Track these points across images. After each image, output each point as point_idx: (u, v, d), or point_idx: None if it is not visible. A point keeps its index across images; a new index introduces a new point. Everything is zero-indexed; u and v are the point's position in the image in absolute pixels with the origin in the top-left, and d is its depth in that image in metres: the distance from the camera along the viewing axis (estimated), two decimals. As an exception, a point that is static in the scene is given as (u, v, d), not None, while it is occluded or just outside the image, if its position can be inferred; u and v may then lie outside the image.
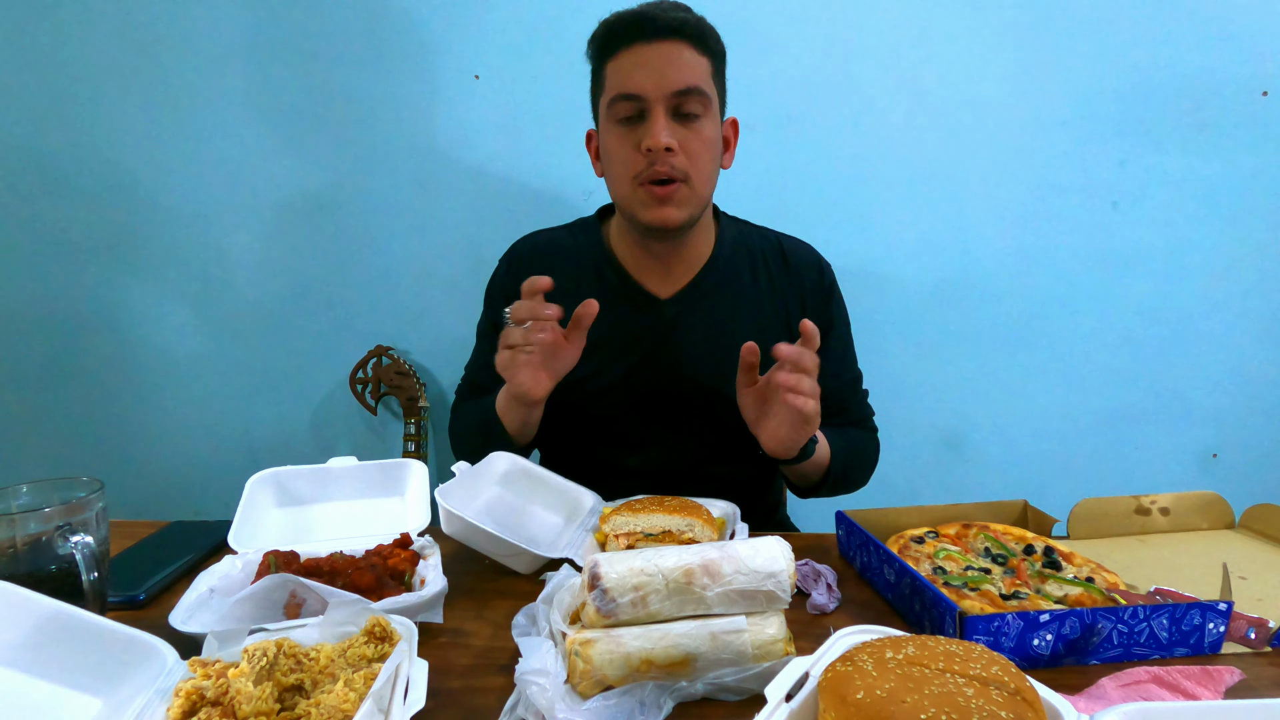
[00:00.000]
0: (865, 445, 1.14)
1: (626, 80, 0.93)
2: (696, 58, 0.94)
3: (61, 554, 0.65)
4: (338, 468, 0.93)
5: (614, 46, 0.95)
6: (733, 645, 0.59)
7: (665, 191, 0.94)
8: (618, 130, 0.96)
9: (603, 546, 0.84)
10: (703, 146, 0.95)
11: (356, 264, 1.69)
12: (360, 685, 0.53)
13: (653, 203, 0.95)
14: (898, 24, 1.56)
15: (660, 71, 0.92)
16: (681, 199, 0.96)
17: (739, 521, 0.89)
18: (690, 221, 0.99)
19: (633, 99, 0.93)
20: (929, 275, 1.66)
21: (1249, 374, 1.68)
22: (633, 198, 0.97)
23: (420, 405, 1.67)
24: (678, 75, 0.92)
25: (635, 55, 0.93)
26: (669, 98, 0.92)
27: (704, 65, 0.95)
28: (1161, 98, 1.57)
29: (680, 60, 0.92)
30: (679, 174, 0.94)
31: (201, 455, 1.77)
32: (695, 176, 0.95)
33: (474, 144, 1.63)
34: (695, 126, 0.94)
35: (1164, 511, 0.92)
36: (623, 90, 0.93)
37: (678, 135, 0.93)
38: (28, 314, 1.71)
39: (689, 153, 0.94)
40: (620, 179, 0.97)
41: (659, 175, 0.93)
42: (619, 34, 0.94)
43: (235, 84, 1.61)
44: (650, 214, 0.96)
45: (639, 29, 0.93)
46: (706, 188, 0.98)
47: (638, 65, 0.93)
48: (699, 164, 0.95)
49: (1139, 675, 0.60)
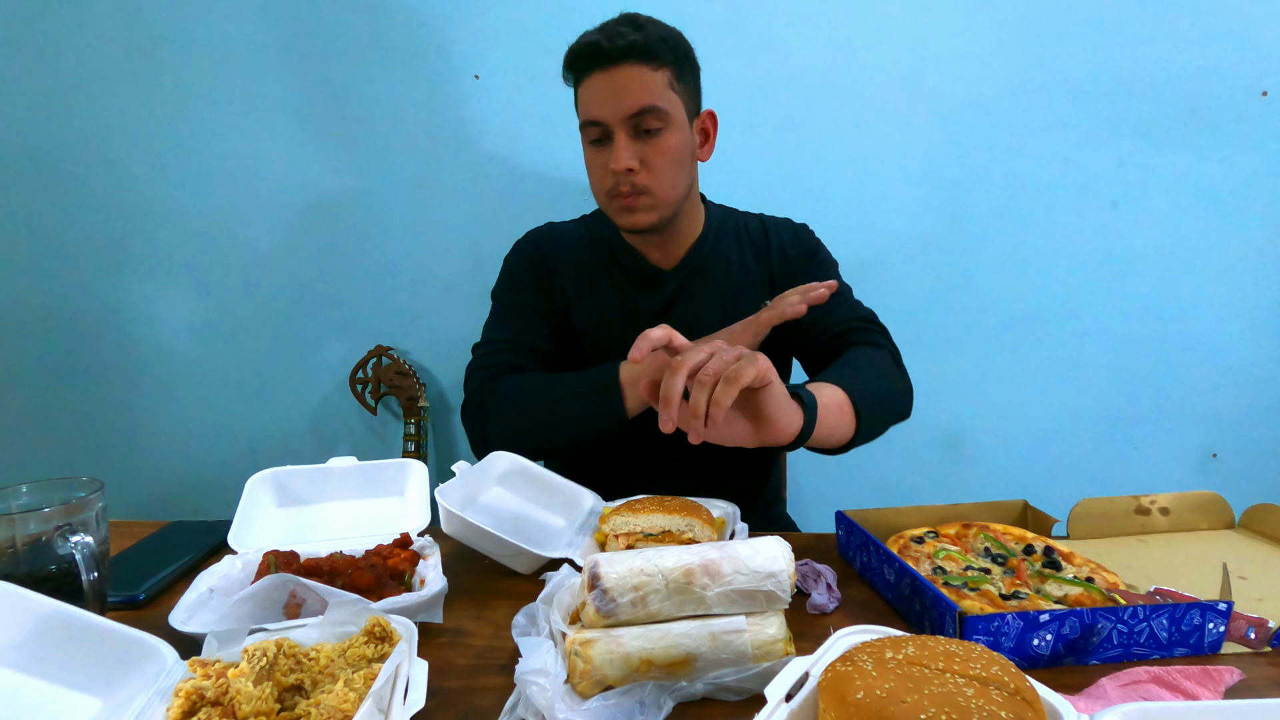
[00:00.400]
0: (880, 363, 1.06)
1: (589, 108, 1.01)
2: (650, 75, 0.99)
3: (61, 554, 0.65)
4: (338, 468, 0.93)
5: (579, 74, 1.03)
6: (733, 645, 0.59)
7: (631, 202, 1.03)
8: (590, 150, 1.06)
9: (603, 546, 0.84)
10: (662, 159, 1.02)
11: (356, 264, 1.69)
12: (360, 685, 0.53)
13: (623, 211, 1.05)
14: (898, 24, 1.56)
15: (616, 97, 0.99)
16: (647, 205, 1.04)
17: (739, 521, 0.89)
18: (661, 221, 1.07)
19: (596, 125, 1.01)
20: (929, 275, 1.66)
21: (1249, 374, 1.68)
22: (608, 208, 1.08)
23: (420, 405, 1.67)
24: (630, 99, 0.98)
25: (594, 83, 1.00)
26: (626, 120, 0.99)
27: (659, 79, 0.99)
28: (1161, 98, 1.57)
29: (633, 83, 0.98)
30: (640, 188, 1.02)
31: (201, 455, 1.77)
32: (657, 186, 1.03)
33: (474, 144, 1.63)
34: (655, 141, 1.01)
35: (1164, 511, 0.92)
36: (588, 117, 1.02)
37: (639, 152, 1.01)
38: (28, 314, 1.71)
39: (649, 166, 1.02)
40: (597, 192, 1.08)
41: (623, 191, 1.03)
42: (579, 63, 1.02)
43: (235, 84, 1.62)
44: (623, 220, 1.07)
45: (592, 58, 0.99)
46: (671, 192, 1.05)
47: (597, 93, 1.00)
48: (660, 175, 1.03)
49: (1139, 675, 0.60)
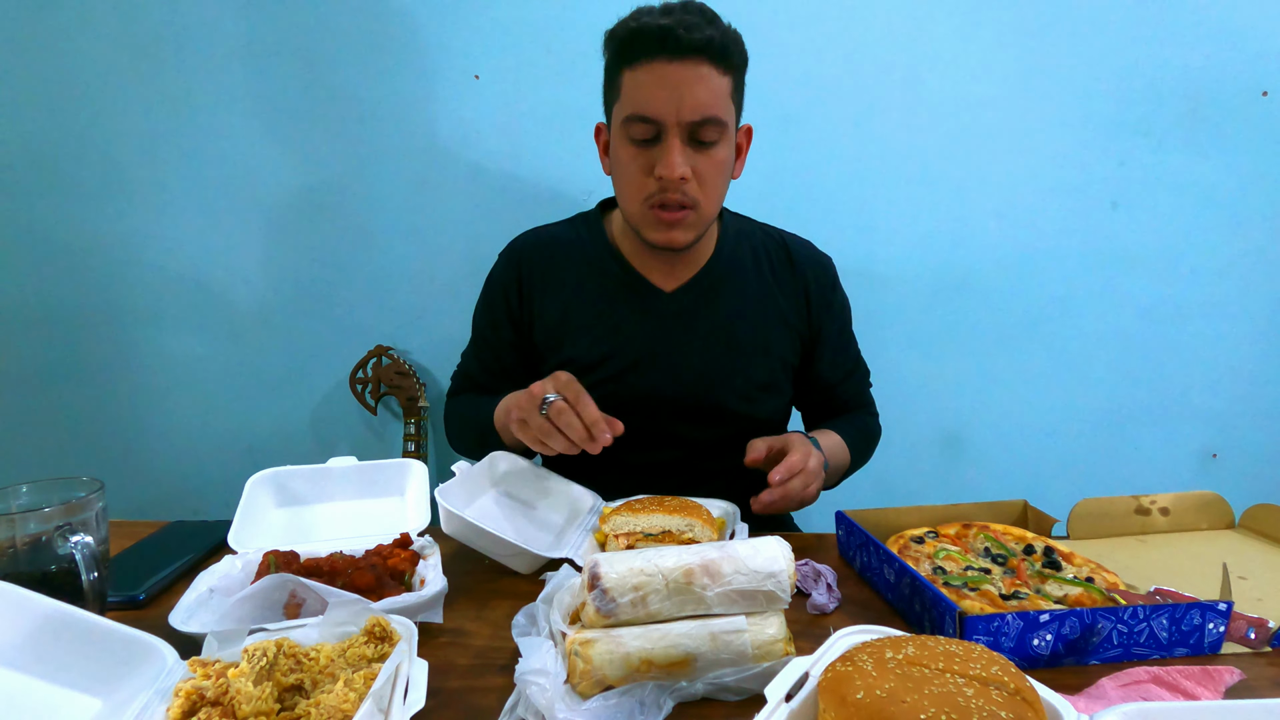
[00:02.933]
0: (868, 432, 1.18)
1: (644, 101, 0.89)
2: (719, 78, 0.89)
3: (61, 554, 0.65)
4: (338, 468, 0.93)
5: (634, 56, 0.89)
6: (733, 645, 0.59)
7: (675, 217, 0.93)
8: (631, 149, 0.93)
9: (603, 546, 0.84)
10: (716, 172, 0.94)
11: (356, 264, 1.69)
12: (360, 685, 0.53)
13: (661, 226, 0.95)
14: (898, 24, 1.56)
15: (680, 97, 0.87)
16: (690, 224, 0.95)
17: (739, 521, 0.89)
18: (695, 241, 0.99)
19: (649, 122, 0.89)
20: (929, 275, 1.66)
21: (1249, 374, 1.68)
22: (641, 218, 0.96)
23: (420, 405, 1.67)
24: (696, 103, 0.88)
25: (655, 73, 0.88)
26: (686, 125, 0.89)
27: (725, 86, 0.90)
28: (1161, 98, 1.57)
29: (701, 85, 0.87)
30: (690, 201, 0.93)
31: (201, 455, 1.77)
32: (705, 202, 0.94)
33: (474, 144, 1.63)
34: (709, 153, 0.92)
35: (1164, 511, 0.92)
36: (639, 111, 0.89)
37: (692, 161, 0.91)
38: (28, 314, 1.71)
39: (701, 179, 0.92)
40: (630, 198, 0.96)
41: (671, 202, 0.92)
42: (641, 45, 0.88)
43: (235, 84, 1.61)
44: (657, 236, 0.96)
45: (662, 44, 0.87)
46: (715, 209, 0.98)
47: (657, 85, 0.88)
48: (710, 190, 0.94)
49: (1139, 675, 0.60)
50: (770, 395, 1.09)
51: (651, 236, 0.97)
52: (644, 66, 0.88)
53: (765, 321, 1.08)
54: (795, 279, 1.10)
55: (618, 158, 0.96)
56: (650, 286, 1.06)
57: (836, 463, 1.05)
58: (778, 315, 1.09)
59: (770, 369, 1.08)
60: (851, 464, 1.12)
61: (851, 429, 1.13)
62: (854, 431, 1.12)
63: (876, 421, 1.22)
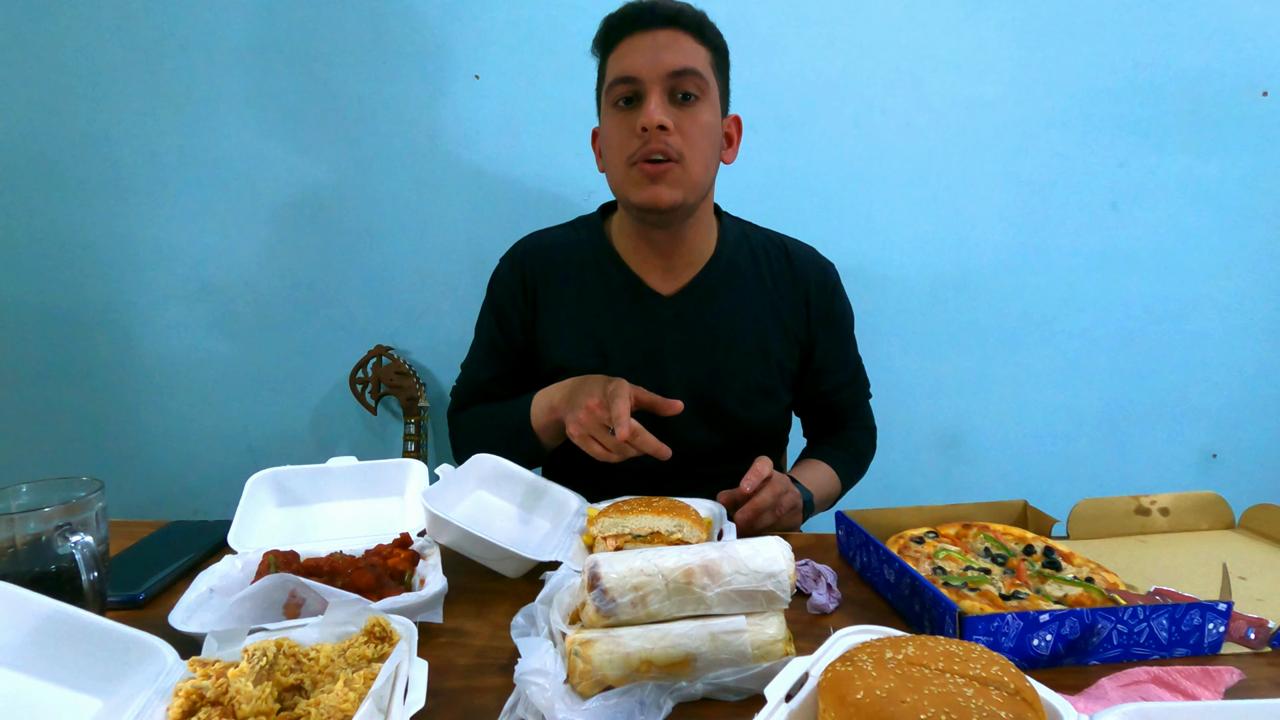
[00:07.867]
0: (858, 452, 1.19)
1: (623, 65, 0.95)
2: (694, 45, 0.95)
3: (61, 554, 0.65)
4: (337, 468, 0.93)
5: (614, 38, 0.97)
6: (733, 645, 0.59)
7: (657, 170, 0.94)
8: (615, 115, 0.97)
9: (591, 548, 0.82)
10: (698, 129, 0.95)
11: (356, 264, 1.69)
12: (360, 685, 0.53)
13: (645, 181, 0.95)
14: (898, 24, 1.56)
15: (656, 54, 0.93)
16: (674, 179, 0.95)
17: (725, 520, 0.89)
18: (684, 205, 0.97)
19: (629, 81, 0.94)
20: (929, 275, 1.66)
21: (1249, 374, 1.68)
22: (626, 179, 0.97)
23: (420, 405, 1.67)
24: (673, 58, 0.93)
25: (633, 42, 0.95)
26: (665, 78, 0.93)
27: (702, 53, 0.96)
28: (1161, 98, 1.57)
29: (676, 45, 0.94)
30: (673, 153, 0.93)
31: (201, 455, 1.77)
32: (689, 157, 0.95)
33: (474, 144, 1.63)
34: (691, 109, 0.95)
35: (1164, 512, 0.92)
36: (619, 74, 0.95)
37: (673, 116, 0.94)
38: (28, 314, 1.71)
39: (684, 133, 0.94)
40: (616, 163, 0.98)
41: (652, 153, 0.93)
42: (618, 26, 0.97)
43: (235, 84, 1.61)
44: (642, 194, 0.95)
45: (636, 19, 0.95)
46: (702, 172, 0.97)
47: (634, 50, 0.94)
48: (694, 146, 0.95)
49: (1139, 675, 0.60)
50: (768, 400, 1.09)
51: (636, 197, 0.96)
52: (623, 42, 0.96)
53: (764, 326, 1.07)
54: (795, 285, 1.10)
55: (605, 132, 1.00)
56: (649, 290, 1.06)
57: (824, 495, 1.07)
58: (777, 320, 1.08)
59: (768, 374, 1.08)
60: (842, 489, 1.13)
61: (843, 454, 1.14)
62: (845, 457, 1.14)
63: (870, 437, 1.22)
